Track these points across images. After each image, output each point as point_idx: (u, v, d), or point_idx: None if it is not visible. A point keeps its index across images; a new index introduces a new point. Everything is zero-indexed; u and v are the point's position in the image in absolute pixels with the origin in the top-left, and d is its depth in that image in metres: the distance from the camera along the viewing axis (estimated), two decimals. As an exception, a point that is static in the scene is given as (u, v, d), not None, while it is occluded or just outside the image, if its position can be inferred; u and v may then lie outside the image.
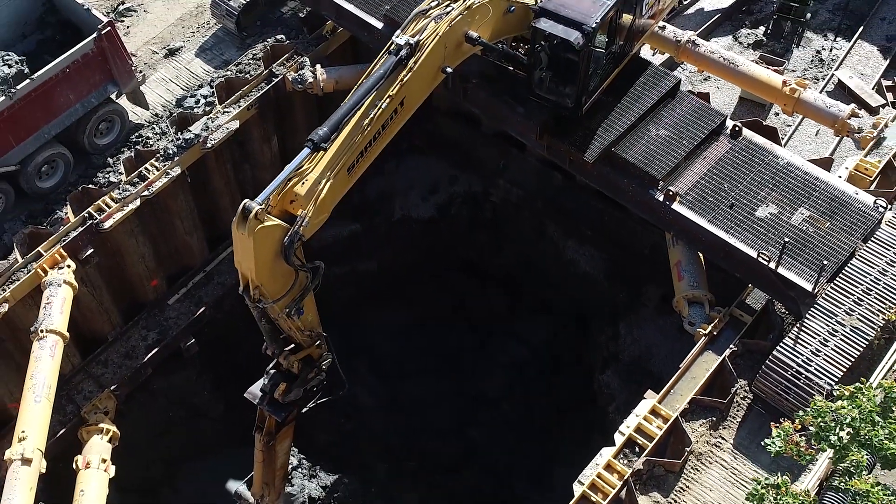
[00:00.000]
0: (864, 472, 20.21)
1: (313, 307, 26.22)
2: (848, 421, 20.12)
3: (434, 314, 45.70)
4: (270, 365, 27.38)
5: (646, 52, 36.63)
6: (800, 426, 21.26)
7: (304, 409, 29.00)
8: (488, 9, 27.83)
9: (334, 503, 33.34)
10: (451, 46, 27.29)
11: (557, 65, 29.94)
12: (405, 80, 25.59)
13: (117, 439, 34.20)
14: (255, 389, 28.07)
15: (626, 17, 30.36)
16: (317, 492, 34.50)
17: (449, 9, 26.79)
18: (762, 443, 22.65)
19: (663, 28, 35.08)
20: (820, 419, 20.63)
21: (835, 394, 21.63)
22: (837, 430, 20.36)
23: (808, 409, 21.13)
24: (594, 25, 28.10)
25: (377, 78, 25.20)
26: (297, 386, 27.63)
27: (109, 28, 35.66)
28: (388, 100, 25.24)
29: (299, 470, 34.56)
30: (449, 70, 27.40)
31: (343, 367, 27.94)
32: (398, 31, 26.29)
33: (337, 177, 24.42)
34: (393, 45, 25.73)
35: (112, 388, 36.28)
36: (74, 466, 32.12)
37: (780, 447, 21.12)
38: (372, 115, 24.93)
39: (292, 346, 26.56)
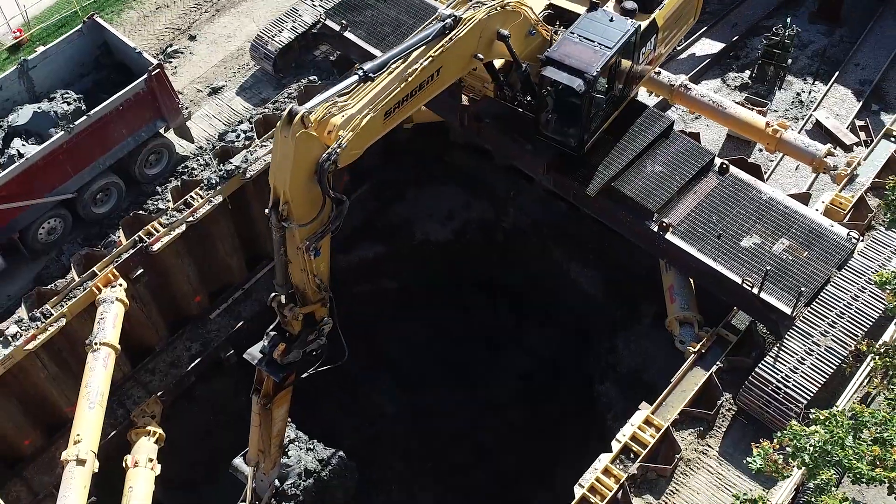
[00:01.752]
0: (833, 488, 20.31)
1: (328, 256, 25.17)
2: (821, 444, 20.23)
3: (449, 329, 45.73)
4: (271, 326, 26.27)
5: (642, 94, 36.81)
6: (778, 445, 21.39)
7: (304, 375, 27.51)
8: (519, 14, 28.21)
9: (329, 476, 32.19)
10: (486, 37, 27.42)
11: (562, 108, 30.19)
12: (446, 47, 25.68)
13: (163, 441, 34.38)
14: (254, 350, 26.53)
15: (624, 65, 30.55)
16: (313, 464, 33.20)
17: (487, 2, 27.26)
18: (745, 461, 22.76)
19: (658, 73, 35.29)
20: (795, 441, 20.75)
21: (811, 416, 21.71)
22: (811, 451, 20.47)
23: (786, 432, 21.23)
24: (595, 73, 28.32)
25: (424, 36, 25.44)
26: (297, 347, 25.95)
27: (159, 70, 35.95)
28: (429, 59, 25.31)
29: (297, 443, 33.46)
30: (481, 57, 27.56)
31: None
32: (444, 5, 26.50)
33: (375, 116, 24.03)
34: (439, 14, 26.05)
35: (159, 394, 36.50)
36: (124, 465, 32.33)
37: (760, 465, 21.25)
38: (414, 69, 24.98)
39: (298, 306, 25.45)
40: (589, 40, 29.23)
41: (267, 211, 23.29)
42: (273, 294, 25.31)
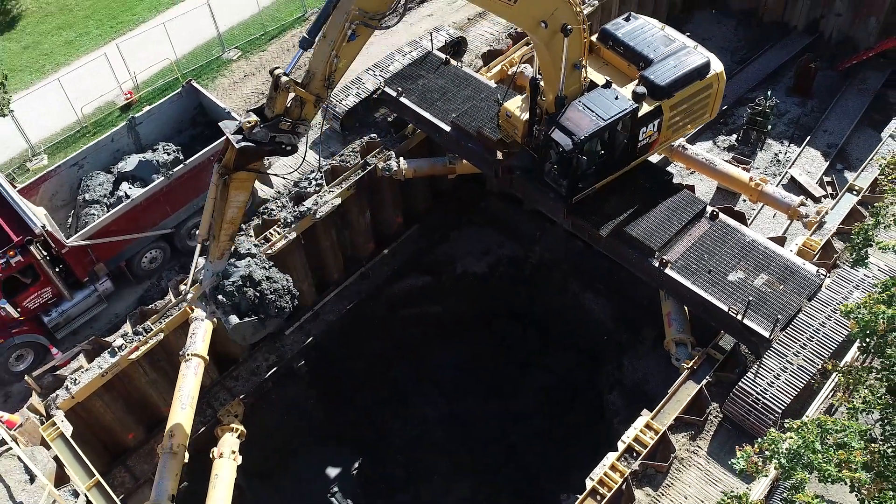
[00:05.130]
0: (806, 487, 20.21)
1: (354, 55, 24.40)
2: (795, 449, 20.19)
3: (483, 348, 45.76)
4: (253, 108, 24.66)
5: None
6: (758, 450, 21.38)
7: (269, 175, 26.63)
8: (579, 23, 28.36)
9: (268, 291, 28.24)
10: (556, 18, 27.66)
11: (557, 162, 30.89)
12: None
13: (244, 436, 34.47)
14: (229, 122, 24.89)
15: (622, 137, 30.93)
16: (259, 276, 28.29)
17: None
18: (730, 462, 22.72)
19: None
20: (773, 445, 20.72)
21: (785, 426, 21.69)
22: (787, 455, 20.41)
23: (764, 438, 21.19)
24: (582, 138, 28.95)
25: None
26: (268, 128, 24.07)
27: (245, 127, 36.33)
28: None
29: (256, 259, 28.33)
30: (545, 25, 27.61)
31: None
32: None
33: None
34: None
35: (241, 397, 36.73)
36: (211, 456, 32.43)
37: (743, 466, 21.22)
38: None
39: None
40: (590, 110, 29.61)
41: None
42: (276, 67, 23.87)
